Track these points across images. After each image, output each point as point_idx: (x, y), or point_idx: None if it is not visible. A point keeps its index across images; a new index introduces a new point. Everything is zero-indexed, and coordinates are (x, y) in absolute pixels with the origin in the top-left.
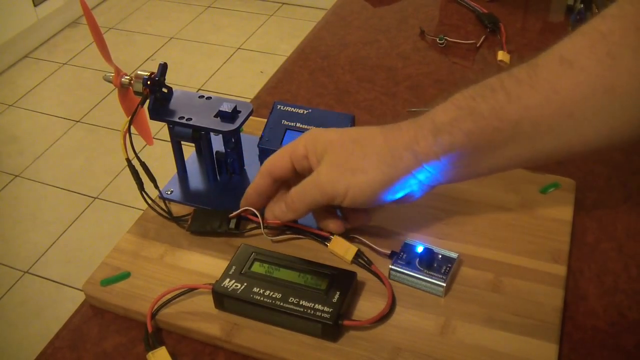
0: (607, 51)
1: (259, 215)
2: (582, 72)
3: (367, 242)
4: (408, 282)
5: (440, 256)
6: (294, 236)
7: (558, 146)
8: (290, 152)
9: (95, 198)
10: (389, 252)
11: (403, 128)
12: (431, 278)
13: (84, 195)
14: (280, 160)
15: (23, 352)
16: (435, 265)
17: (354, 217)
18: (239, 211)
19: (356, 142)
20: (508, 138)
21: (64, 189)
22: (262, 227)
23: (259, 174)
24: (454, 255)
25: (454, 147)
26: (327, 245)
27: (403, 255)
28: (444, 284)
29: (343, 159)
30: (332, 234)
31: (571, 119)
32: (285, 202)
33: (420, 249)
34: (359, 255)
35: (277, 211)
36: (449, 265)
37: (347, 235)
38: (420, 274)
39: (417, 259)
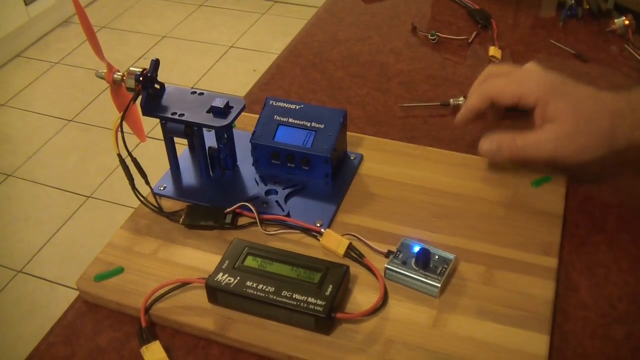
0: None
1: (254, 211)
2: None
3: (364, 239)
4: (403, 281)
5: (436, 257)
6: (287, 231)
7: None
8: (520, 94)
9: (88, 197)
10: (386, 251)
11: (625, 114)
12: (426, 279)
13: (77, 194)
14: (506, 94)
15: (17, 351)
16: (431, 265)
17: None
18: (234, 207)
19: (587, 121)
20: None
21: (57, 188)
22: (258, 222)
23: (477, 95)
24: (450, 256)
25: None
26: (319, 240)
27: (399, 254)
28: (439, 285)
29: (572, 134)
30: (324, 229)
31: None
32: (501, 144)
33: (417, 248)
34: (350, 248)
35: (489, 149)
36: (445, 266)
37: (342, 231)
38: (416, 274)
39: (413, 259)
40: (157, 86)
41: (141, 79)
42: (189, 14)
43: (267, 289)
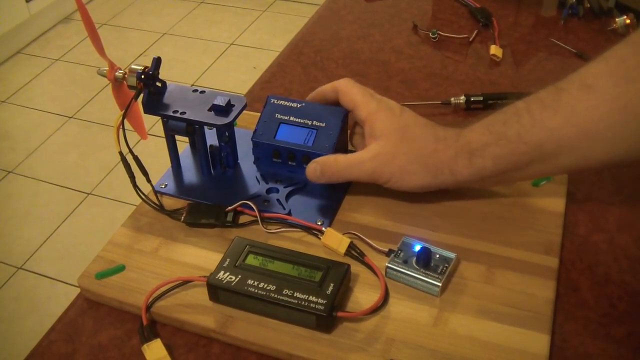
0: (624, 75)
1: (256, 209)
2: (600, 95)
3: (365, 238)
4: (404, 280)
5: (437, 256)
6: (288, 229)
7: (576, 163)
8: (356, 103)
9: (88, 194)
10: (387, 250)
11: (449, 142)
12: (427, 277)
13: (78, 191)
14: (348, 96)
15: (17, 347)
16: (432, 264)
17: None
18: (235, 205)
19: (410, 142)
20: (532, 159)
21: (57, 185)
22: (259, 221)
23: (331, 83)
24: (451, 255)
25: (484, 169)
26: (320, 238)
27: (400, 253)
28: (440, 284)
29: (393, 153)
30: (324, 228)
31: (589, 138)
32: (323, 168)
33: (418, 247)
34: (351, 247)
35: (312, 174)
36: (446, 265)
37: (343, 230)
38: (417, 273)
39: (414, 258)
40: (158, 84)
41: (143, 77)
42: (189, 11)
43: (268, 288)
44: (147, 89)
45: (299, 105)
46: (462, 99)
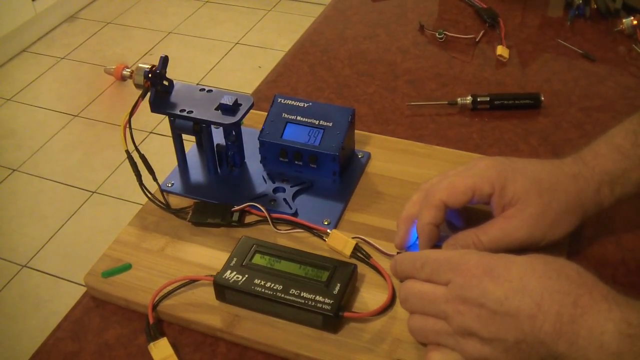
0: None
1: (265, 210)
2: None
3: (370, 241)
4: None
5: None
6: (296, 230)
7: None
8: (473, 186)
9: (93, 192)
10: (394, 253)
11: (584, 176)
12: None
13: (82, 189)
14: (459, 191)
15: (21, 345)
16: None
17: None
18: (242, 206)
19: (551, 192)
20: None
21: (62, 183)
22: (270, 221)
23: (430, 208)
24: None
25: (626, 194)
26: (325, 240)
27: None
28: None
29: (539, 212)
30: (330, 229)
31: None
32: (475, 244)
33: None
34: (357, 249)
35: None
36: None
37: (349, 229)
38: None
39: None
40: (165, 83)
41: (150, 75)
42: (194, 10)
43: (275, 287)
44: (155, 87)
45: (305, 105)
46: (469, 99)
